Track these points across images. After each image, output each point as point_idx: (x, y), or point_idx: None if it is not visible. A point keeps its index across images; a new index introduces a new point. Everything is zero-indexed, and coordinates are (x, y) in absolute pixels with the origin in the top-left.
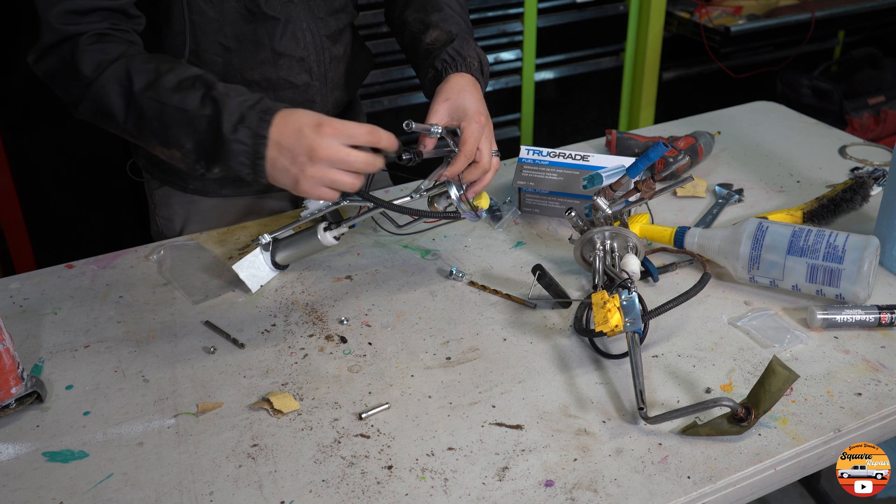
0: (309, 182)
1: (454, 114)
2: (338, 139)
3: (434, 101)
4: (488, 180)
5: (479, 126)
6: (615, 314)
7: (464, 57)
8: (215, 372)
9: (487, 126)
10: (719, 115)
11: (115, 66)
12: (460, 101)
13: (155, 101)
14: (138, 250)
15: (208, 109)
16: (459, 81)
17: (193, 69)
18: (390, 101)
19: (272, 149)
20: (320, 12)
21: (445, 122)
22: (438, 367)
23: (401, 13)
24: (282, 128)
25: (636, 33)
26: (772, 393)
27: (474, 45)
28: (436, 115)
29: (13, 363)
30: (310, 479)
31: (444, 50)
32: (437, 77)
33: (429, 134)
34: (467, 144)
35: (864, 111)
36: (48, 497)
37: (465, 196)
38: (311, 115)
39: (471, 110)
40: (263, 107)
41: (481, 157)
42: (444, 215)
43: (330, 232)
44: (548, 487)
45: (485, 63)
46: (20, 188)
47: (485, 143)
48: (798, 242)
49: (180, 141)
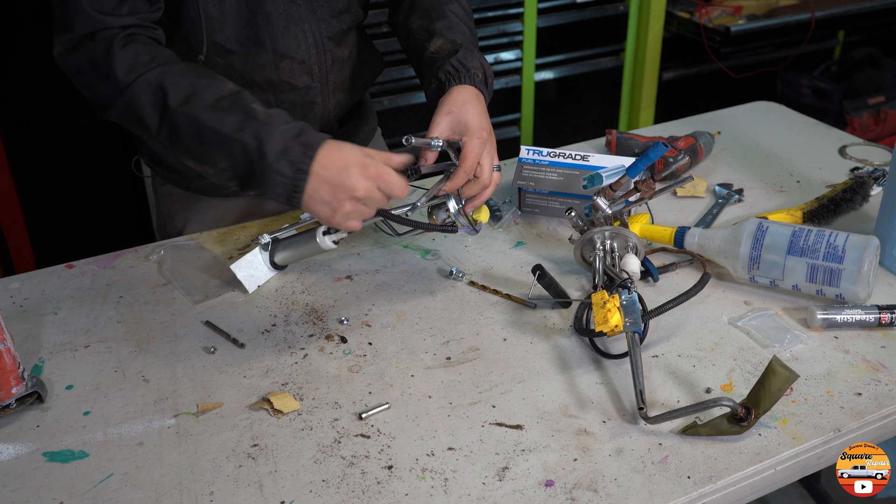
0: (343, 216)
1: (456, 127)
2: (377, 182)
3: (436, 114)
4: (488, 195)
5: (480, 141)
6: (615, 314)
7: (467, 68)
8: (215, 372)
9: (489, 141)
10: (719, 115)
11: (149, 76)
12: (462, 115)
13: (190, 119)
14: (138, 250)
15: (249, 138)
16: (462, 94)
17: (230, 85)
18: (390, 101)
19: (312, 182)
20: (323, 14)
21: (447, 135)
22: (438, 367)
23: (405, 19)
24: (326, 163)
25: (636, 33)
26: (772, 393)
27: (478, 56)
28: (437, 129)
29: (13, 363)
30: (310, 479)
31: (447, 61)
32: (441, 88)
33: (429, 148)
34: (468, 160)
35: (864, 111)
36: (48, 497)
37: (464, 210)
38: (356, 154)
39: (473, 125)
40: (306, 140)
41: (482, 173)
42: (441, 228)
43: (329, 236)
44: (548, 487)
45: (489, 73)
46: (20, 188)
47: (486, 158)
48: (798, 242)
49: (215, 160)
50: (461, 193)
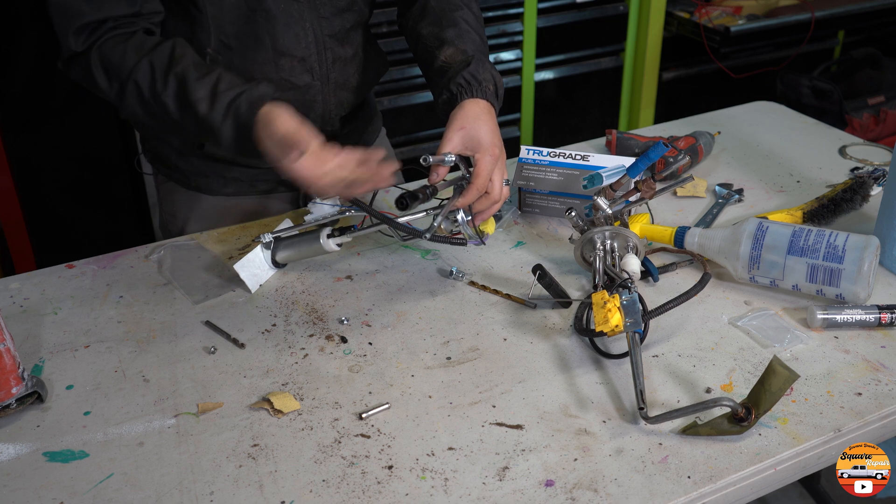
0: None
1: (468, 143)
2: None
3: (448, 129)
4: (496, 209)
5: (492, 159)
6: (615, 314)
7: (479, 81)
8: (215, 372)
9: (501, 157)
10: (719, 115)
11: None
12: (475, 132)
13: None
14: (138, 250)
15: None
16: (475, 109)
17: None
18: (391, 100)
19: None
20: (325, 11)
21: (459, 150)
22: (439, 366)
23: (415, 25)
24: None
25: (636, 33)
26: (772, 393)
27: (489, 67)
28: (450, 144)
29: (14, 363)
30: (310, 479)
31: (459, 73)
32: (452, 100)
33: (443, 164)
34: (480, 178)
35: (864, 111)
36: (48, 497)
37: (472, 222)
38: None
39: (485, 142)
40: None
41: (493, 189)
42: (448, 240)
43: (333, 239)
44: (548, 487)
45: (499, 84)
46: (20, 188)
47: (497, 174)
48: (798, 242)
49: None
50: (472, 207)
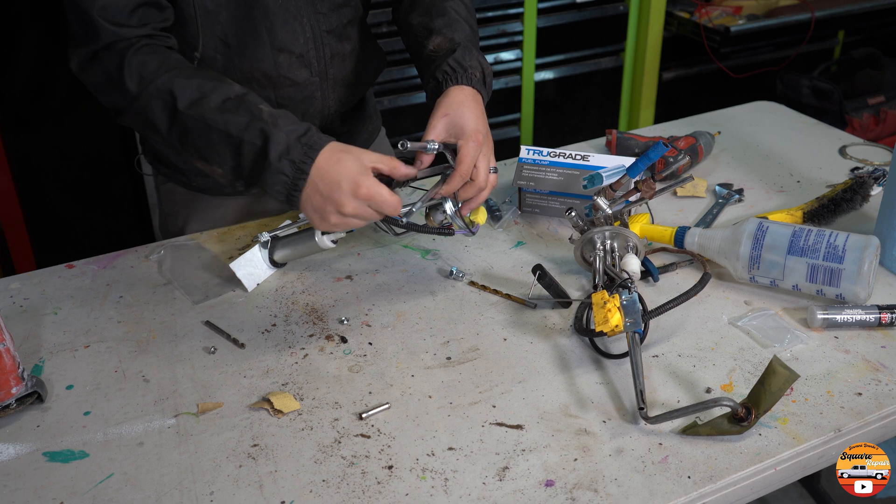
0: (330, 226)
1: (452, 130)
2: (368, 202)
3: (433, 116)
4: (484, 198)
5: (476, 145)
6: (615, 314)
7: (465, 68)
8: (215, 372)
9: (486, 144)
10: (719, 115)
11: (159, 82)
12: (458, 118)
13: (199, 121)
14: (138, 250)
15: (255, 137)
16: (459, 96)
17: (237, 87)
18: (391, 100)
19: (309, 185)
20: (323, 7)
21: (443, 137)
22: (439, 366)
23: (406, 16)
24: (322, 172)
25: (636, 33)
26: (772, 393)
27: (477, 55)
28: (433, 131)
29: (13, 363)
30: (310, 479)
31: (445, 60)
32: (438, 88)
33: (425, 152)
34: (463, 164)
35: (864, 111)
36: (48, 497)
37: (461, 212)
38: (353, 169)
39: (469, 128)
40: (309, 141)
41: (477, 176)
42: (438, 231)
43: (328, 236)
44: (548, 487)
45: (487, 73)
46: (20, 188)
47: (482, 161)
48: (798, 242)
49: (222, 160)
50: (458, 196)
